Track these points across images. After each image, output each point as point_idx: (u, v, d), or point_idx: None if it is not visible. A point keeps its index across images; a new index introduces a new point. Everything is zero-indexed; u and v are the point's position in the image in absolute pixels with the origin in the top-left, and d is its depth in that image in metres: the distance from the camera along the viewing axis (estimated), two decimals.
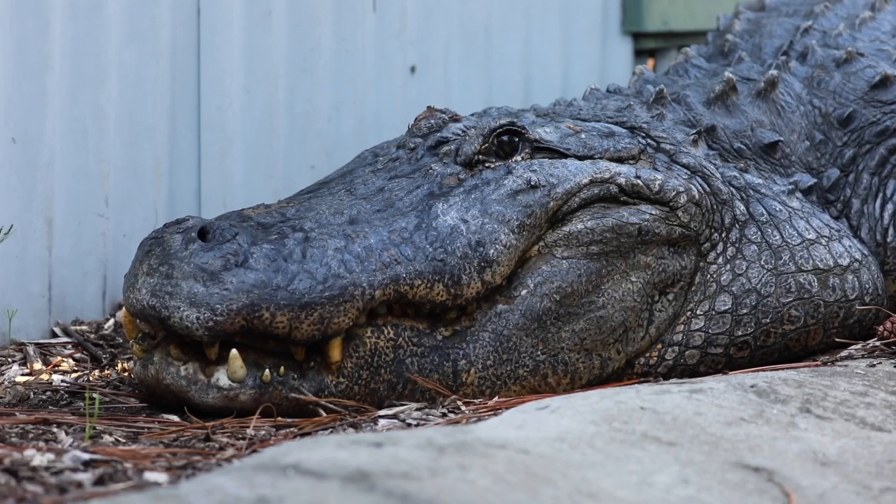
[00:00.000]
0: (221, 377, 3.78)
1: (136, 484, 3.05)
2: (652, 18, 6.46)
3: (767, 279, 4.31)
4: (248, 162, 5.17)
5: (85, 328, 4.64)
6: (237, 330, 3.69)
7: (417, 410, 3.83)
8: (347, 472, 2.75)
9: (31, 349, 4.39)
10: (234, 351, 3.74)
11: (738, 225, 4.32)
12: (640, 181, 4.20)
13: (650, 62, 6.56)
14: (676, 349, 4.24)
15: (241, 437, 3.60)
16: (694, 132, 4.42)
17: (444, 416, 3.79)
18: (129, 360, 4.28)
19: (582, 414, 3.32)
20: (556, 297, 4.05)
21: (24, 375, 4.17)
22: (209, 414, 3.77)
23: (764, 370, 4.09)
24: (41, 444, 3.41)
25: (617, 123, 4.37)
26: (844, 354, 4.29)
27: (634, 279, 4.16)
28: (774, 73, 4.65)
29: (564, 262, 4.09)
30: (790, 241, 4.35)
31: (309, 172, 5.28)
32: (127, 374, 4.20)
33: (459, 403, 3.87)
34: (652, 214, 4.19)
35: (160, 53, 4.89)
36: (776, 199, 4.39)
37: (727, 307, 4.27)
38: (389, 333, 3.90)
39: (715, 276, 4.28)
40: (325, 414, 3.78)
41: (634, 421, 3.30)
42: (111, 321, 4.69)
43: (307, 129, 5.34)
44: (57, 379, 4.13)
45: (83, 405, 3.87)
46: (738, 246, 4.31)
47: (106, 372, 4.24)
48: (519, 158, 4.18)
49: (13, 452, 3.19)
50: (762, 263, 4.31)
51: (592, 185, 4.16)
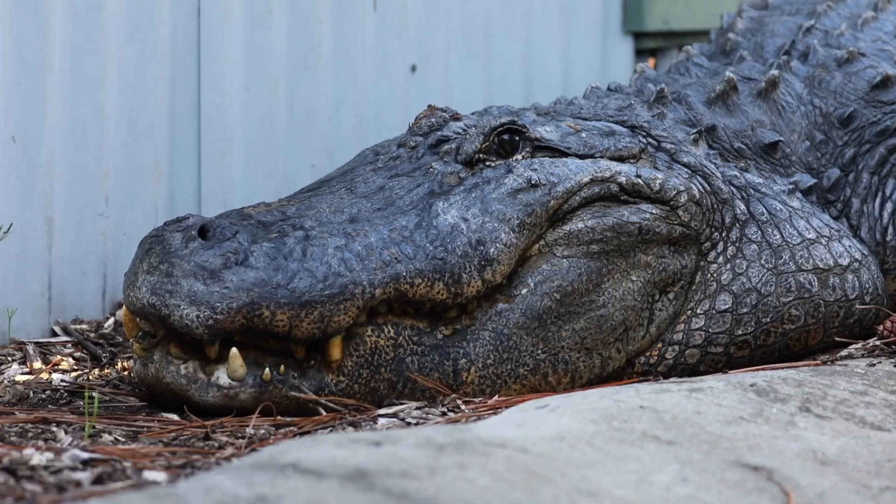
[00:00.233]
0: (221, 376, 3.77)
1: (134, 483, 3.05)
2: (653, 18, 6.45)
3: (768, 278, 4.31)
4: (248, 161, 5.16)
5: (85, 327, 4.64)
6: (237, 328, 3.69)
7: (417, 409, 3.82)
8: (346, 470, 2.75)
9: (30, 348, 4.39)
10: (234, 349, 3.74)
11: (738, 224, 4.31)
12: (640, 180, 4.19)
13: (651, 61, 6.56)
14: (677, 348, 4.23)
15: (240, 435, 3.60)
16: (694, 131, 4.41)
17: (443, 414, 3.79)
18: (128, 358, 4.28)
19: (581, 413, 3.32)
20: (556, 295, 4.05)
21: (23, 374, 4.17)
22: (209, 413, 3.77)
23: (764, 369, 4.09)
24: (40, 443, 3.41)
25: (618, 122, 4.36)
26: (844, 354, 4.28)
27: (635, 278, 4.15)
28: (775, 73, 4.65)
29: (565, 260, 4.09)
30: (790, 240, 4.35)
31: (309, 171, 5.28)
32: (126, 373, 4.19)
33: (459, 402, 3.87)
34: (652, 213, 4.19)
35: (160, 52, 4.89)
36: (776, 198, 4.39)
37: (727, 306, 4.27)
38: (390, 332, 3.89)
39: (715, 275, 4.27)
40: (325, 413, 3.78)
41: (634, 420, 3.30)
42: (111, 320, 4.69)
43: (307, 128, 5.33)
44: (56, 378, 4.13)
45: (82, 404, 3.86)
46: (738, 245, 4.30)
47: (105, 371, 4.24)
48: (519, 157, 4.18)
49: (12, 451, 3.19)
50: (762, 263, 4.31)
51: (593, 183, 4.15)
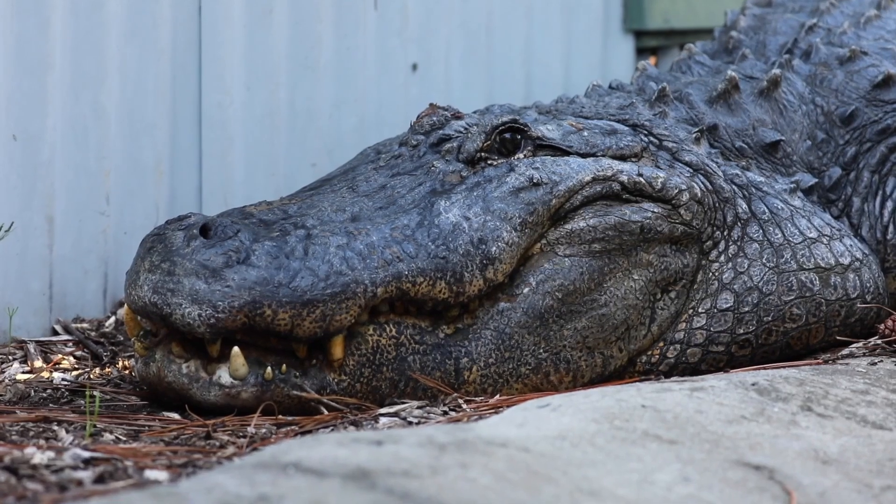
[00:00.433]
0: (223, 375, 3.77)
1: (136, 482, 3.04)
2: (653, 16, 6.45)
3: (769, 277, 4.31)
4: (249, 159, 5.16)
5: (86, 326, 4.64)
6: (239, 327, 3.69)
7: (418, 408, 3.82)
8: (348, 470, 2.74)
9: (31, 347, 4.39)
10: (235, 348, 3.74)
11: (740, 223, 4.31)
12: (642, 179, 4.19)
13: (652, 60, 6.55)
14: (678, 347, 4.23)
15: (241, 435, 3.60)
16: (696, 130, 4.41)
17: (445, 414, 3.78)
18: (129, 357, 4.28)
19: (583, 412, 3.32)
20: (558, 294, 4.04)
21: (24, 373, 4.17)
22: (210, 412, 3.77)
23: (765, 368, 4.09)
24: (41, 441, 3.40)
25: (619, 121, 4.36)
26: (846, 353, 4.28)
27: (637, 277, 4.15)
28: (777, 72, 4.64)
29: (567, 259, 4.08)
30: (792, 239, 4.35)
31: (310, 170, 5.28)
32: (127, 371, 4.19)
33: (461, 401, 3.87)
34: (654, 212, 4.18)
35: (161, 51, 4.88)
36: (778, 197, 4.38)
37: (729, 305, 4.27)
38: (391, 331, 3.89)
39: (717, 274, 4.27)
40: (326, 412, 3.78)
41: (635, 419, 3.30)
42: (112, 319, 4.69)
43: (308, 126, 5.33)
44: (57, 377, 4.12)
45: (84, 403, 3.86)
46: (739, 244, 4.30)
47: (106, 370, 4.24)
48: (521, 156, 4.17)
49: (13, 450, 3.19)
50: (764, 261, 4.31)
51: (595, 182, 4.15)
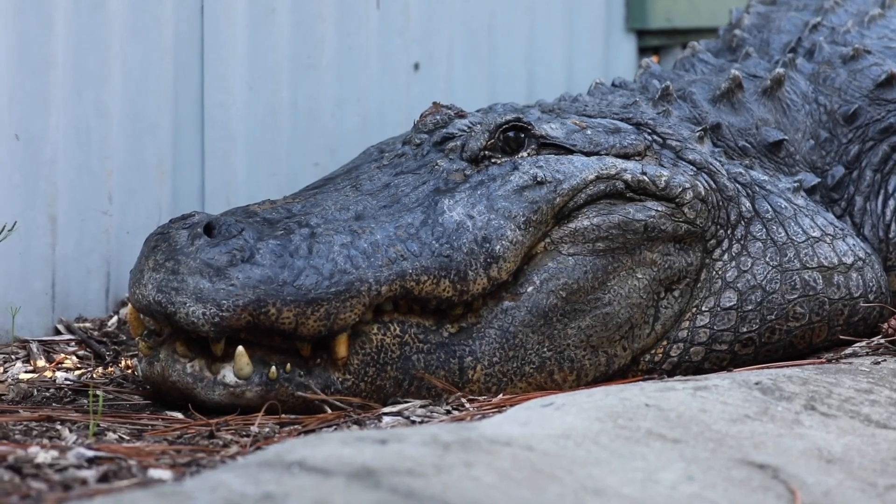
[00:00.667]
0: (228, 374, 3.77)
1: (140, 481, 3.04)
2: (656, 16, 6.45)
3: (773, 276, 4.30)
4: (251, 159, 5.16)
5: (88, 325, 4.64)
6: (243, 325, 3.68)
7: (422, 407, 3.82)
8: (352, 468, 2.74)
9: (34, 346, 4.38)
10: (240, 348, 3.74)
11: (743, 222, 4.31)
12: (646, 177, 4.19)
13: (654, 59, 6.55)
14: (681, 346, 4.23)
15: (245, 434, 3.60)
16: (699, 129, 4.41)
17: (448, 413, 3.78)
18: (132, 356, 4.27)
19: (587, 411, 3.32)
20: (562, 293, 4.04)
21: (27, 373, 4.17)
22: (214, 411, 3.77)
23: (769, 367, 4.08)
24: (45, 441, 3.40)
25: (623, 120, 4.36)
26: (849, 352, 4.28)
27: (640, 276, 4.15)
28: (781, 71, 4.64)
29: (570, 258, 4.08)
30: (795, 238, 4.35)
31: (312, 169, 5.28)
32: (130, 371, 4.19)
33: (464, 400, 3.87)
34: (658, 211, 4.18)
35: (163, 50, 4.88)
36: (781, 196, 4.38)
37: (732, 304, 4.27)
38: (395, 330, 3.89)
39: (720, 272, 4.27)
40: (330, 411, 3.78)
41: (639, 418, 3.30)
42: (114, 318, 4.69)
43: (310, 125, 5.33)
44: (60, 376, 4.12)
45: (87, 402, 3.86)
46: (743, 243, 4.30)
47: (109, 369, 4.24)
48: (525, 154, 4.17)
49: (17, 450, 3.19)
50: (767, 260, 4.31)
51: (598, 181, 4.15)
